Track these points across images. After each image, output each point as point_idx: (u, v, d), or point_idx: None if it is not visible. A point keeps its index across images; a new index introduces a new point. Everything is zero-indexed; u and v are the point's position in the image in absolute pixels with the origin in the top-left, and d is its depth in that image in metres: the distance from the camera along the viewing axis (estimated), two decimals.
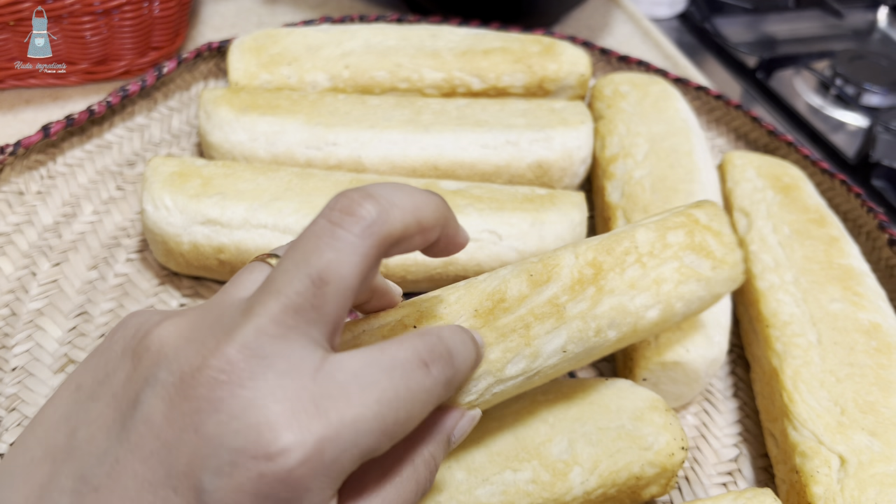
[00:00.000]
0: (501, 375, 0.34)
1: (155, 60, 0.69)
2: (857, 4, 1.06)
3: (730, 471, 0.48)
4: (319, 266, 0.24)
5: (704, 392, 0.52)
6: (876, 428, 0.43)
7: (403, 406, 0.25)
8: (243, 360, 0.23)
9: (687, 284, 0.39)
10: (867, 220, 0.59)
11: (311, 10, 0.81)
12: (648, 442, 0.38)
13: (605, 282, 0.37)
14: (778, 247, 0.53)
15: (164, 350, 0.25)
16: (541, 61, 0.64)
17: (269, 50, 0.62)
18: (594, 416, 0.39)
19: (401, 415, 0.25)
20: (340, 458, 0.23)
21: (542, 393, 0.40)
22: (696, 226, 0.40)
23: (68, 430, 0.26)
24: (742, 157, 0.59)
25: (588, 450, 0.38)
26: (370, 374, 0.25)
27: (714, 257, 0.40)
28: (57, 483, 0.25)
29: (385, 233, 0.25)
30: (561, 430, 0.38)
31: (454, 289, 0.36)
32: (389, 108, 0.58)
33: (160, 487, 0.23)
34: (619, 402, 0.40)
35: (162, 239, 0.50)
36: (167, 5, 0.65)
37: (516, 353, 0.34)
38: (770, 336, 0.48)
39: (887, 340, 0.47)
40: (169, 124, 0.64)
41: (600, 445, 0.38)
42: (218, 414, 0.23)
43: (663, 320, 0.39)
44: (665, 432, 0.39)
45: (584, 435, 0.38)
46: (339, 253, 0.24)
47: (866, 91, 0.89)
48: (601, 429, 0.38)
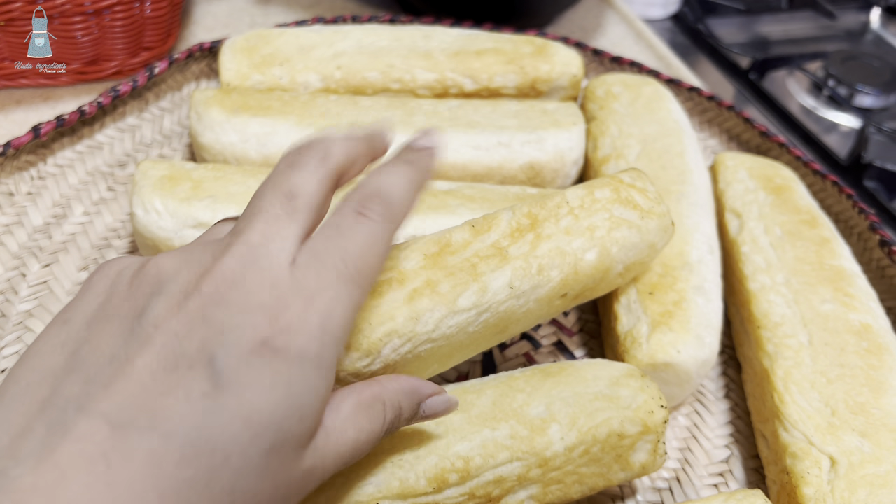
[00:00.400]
0: (454, 307, 0.37)
1: (146, 61, 0.68)
2: (849, 5, 1.06)
3: (721, 472, 0.48)
4: (289, 185, 0.30)
5: (696, 393, 0.52)
6: (866, 429, 0.43)
7: (361, 255, 0.29)
8: (240, 267, 0.27)
9: (619, 230, 0.42)
10: (859, 220, 0.59)
11: (303, 11, 0.81)
12: (626, 402, 0.40)
13: (542, 229, 0.41)
14: (769, 248, 0.53)
15: (164, 271, 0.28)
16: (533, 62, 0.64)
17: (261, 50, 0.62)
18: (571, 384, 0.40)
19: (360, 263, 0.29)
20: (330, 317, 0.28)
21: (520, 371, 0.42)
22: (620, 184, 0.44)
23: (67, 353, 0.26)
24: (734, 157, 0.59)
25: (565, 409, 0.39)
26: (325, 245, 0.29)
27: (641, 209, 0.44)
28: (61, 392, 0.25)
29: (332, 162, 0.31)
30: (538, 396, 0.39)
31: (403, 243, 0.40)
32: (381, 108, 0.58)
33: (174, 369, 0.25)
34: (595, 373, 0.41)
35: (153, 242, 0.50)
36: (159, 6, 0.65)
37: (466, 287, 0.37)
38: (761, 337, 0.48)
39: (878, 341, 0.47)
40: (160, 125, 0.64)
41: (577, 406, 0.39)
42: (225, 306, 0.26)
43: (602, 264, 0.42)
44: (642, 393, 0.40)
45: (562, 399, 0.39)
46: (302, 174, 0.30)
47: (859, 92, 0.89)
48: (578, 394, 0.40)
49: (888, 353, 0.47)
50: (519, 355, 0.52)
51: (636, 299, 0.48)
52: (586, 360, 0.43)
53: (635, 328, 0.47)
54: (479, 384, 0.41)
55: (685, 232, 0.51)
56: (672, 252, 0.50)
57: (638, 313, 0.48)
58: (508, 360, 0.52)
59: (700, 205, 0.54)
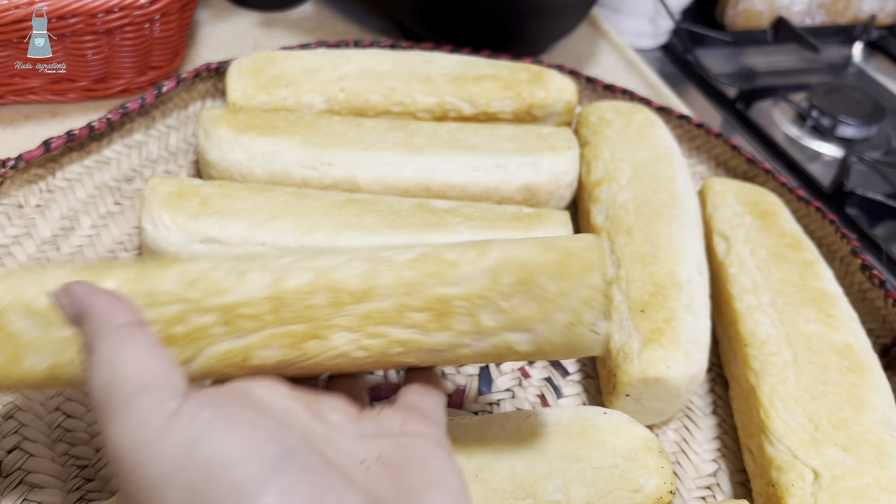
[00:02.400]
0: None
1: (153, 80, 0.70)
2: (833, 40, 1.10)
3: (709, 485, 0.50)
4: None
5: (685, 409, 0.53)
6: (848, 443, 0.45)
7: None
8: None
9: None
10: (841, 245, 0.61)
11: (306, 35, 0.83)
12: (639, 484, 0.40)
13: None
14: (756, 270, 0.55)
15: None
16: (529, 88, 0.66)
17: (267, 72, 0.64)
18: (590, 453, 0.40)
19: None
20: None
21: (542, 425, 0.41)
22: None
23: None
24: (722, 183, 0.62)
25: (581, 490, 0.38)
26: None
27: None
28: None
29: None
30: (558, 467, 0.39)
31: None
32: (383, 130, 0.60)
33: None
34: (615, 441, 0.41)
35: (161, 257, 0.51)
36: (167, 27, 0.67)
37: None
38: (748, 355, 0.50)
39: (859, 360, 0.49)
40: (167, 142, 0.66)
41: (594, 487, 0.39)
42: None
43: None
44: (656, 475, 0.40)
45: (579, 474, 0.39)
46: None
47: (841, 123, 0.92)
48: (596, 468, 0.39)
49: (868, 372, 0.49)
50: (514, 370, 0.54)
51: (628, 317, 0.50)
52: (608, 419, 0.42)
53: (627, 344, 0.49)
54: (500, 438, 0.39)
55: (675, 253, 0.53)
56: (663, 272, 0.52)
57: (630, 330, 0.50)
58: (504, 374, 0.54)
59: (689, 227, 0.56)
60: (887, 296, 0.56)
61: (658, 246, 0.54)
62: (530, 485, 0.38)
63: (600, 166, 0.61)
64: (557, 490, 0.38)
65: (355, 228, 0.52)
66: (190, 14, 0.70)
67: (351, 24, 0.86)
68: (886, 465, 0.44)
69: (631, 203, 0.57)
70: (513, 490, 0.37)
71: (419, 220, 0.53)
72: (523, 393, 0.53)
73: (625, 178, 0.60)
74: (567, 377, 0.54)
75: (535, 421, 0.41)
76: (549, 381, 0.54)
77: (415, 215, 0.53)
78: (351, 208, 0.53)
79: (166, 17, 0.66)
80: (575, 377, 0.54)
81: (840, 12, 1.10)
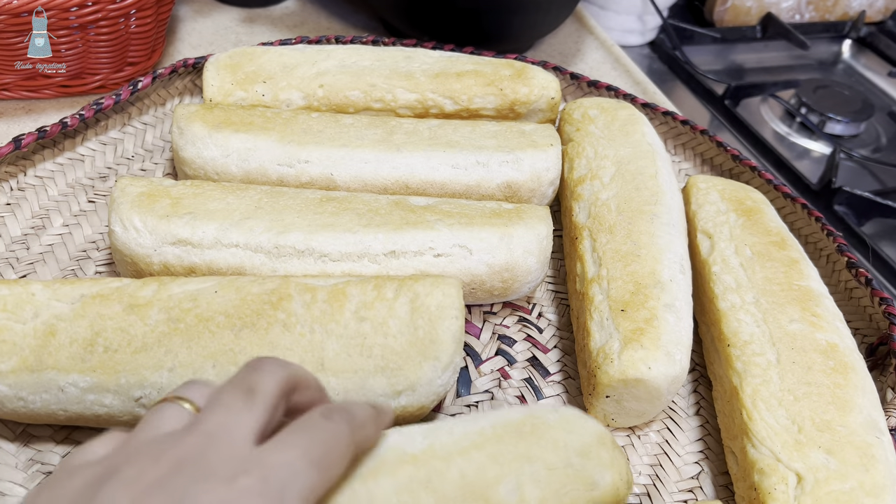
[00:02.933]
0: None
1: (130, 76, 0.69)
2: (822, 36, 1.09)
3: (691, 488, 0.49)
4: (249, 382, 0.31)
5: (667, 410, 0.52)
6: (832, 446, 0.44)
7: (324, 445, 0.30)
8: (199, 447, 0.28)
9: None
10: (827, 243, 0.60)
11: (288, 31, 0.82)
12: (594, 480, 0.38)
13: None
14: (739, 268, 0.54)
15: (116, 463, 0.28)
16: (512, 85, 0.65)
17: (245, 68, 0.63)
18: (543, 452, 0.38)
19: (322, 451, 0.30)
20: (288, 488, 0.28)
21: (492, 426, 0.39)
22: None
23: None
24: (706, 180, 0.61)
25: (535, 491, 0.37)
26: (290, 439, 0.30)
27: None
28: None
29: (290, 371, 0.33)
30: (510, 468, 0.37)
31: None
32: (362, 127, 0.59)
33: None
34: (566, 437, 0.39)
35: (131, 260, 0.50)
36: (144, 22, 0.66)
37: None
38: (731, 355, 0.49)
39: (843, 360, 0.48)
40: (143, 139, 0.65)
41: (548, 487, 0.37)
42: (184, 476, 0.27)
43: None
44: (610, 470, 0.39)
45: (532, 474, 0.37)
46: (262, 374, 0.32)
47: (830, 120, 0.91)
48: (549, 468, 0.38)
49: (853, 372, 0.48)
50: (494, 370, 0.53)
51: (608, 316, 0.49)
52: (559, 415, 0.41)
53: (607, 345, 0.48)
54: (449, 444, 0.38)
55: (657, 251, 0.52)
56: (644, 270, 0.51)
57: (610, 330, 0.49)
58: (484, 375, 0.53)
59: (672, 225, 0.55)
60: (873, 294, 0.55)
61: (640, 244, 0.53)
62: (482, 490, 0.36)
63: (583, 163, 0.60)
64: (511, 493, 0.36)
65: (331, 227, 0.50)
66: (168, 9, 0.69)
67: (334, 21, 0.85)
68: (871, 469, 0.43)
69: (613, 201, 0.56)
70: (464, 497, 0.36)
71: (397, 217, 0.52)
72: (503, 394, 0.52)
73: (607, 176, 0.59)
74: (548, 378, 0.53)
75: (483, 423, 0.39)
76: (529, 381, 0.53)
77: (392, 213, 0.52)
78: (327, 206, 0.52)
79: (142, 13, 0.65)
80: (556, 377, 0.53)
81: (829, 9, 1.10)
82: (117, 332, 0.43)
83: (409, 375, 0.43)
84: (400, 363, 0.43)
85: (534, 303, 0.58)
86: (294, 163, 0.56)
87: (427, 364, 0.43)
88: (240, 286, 0.46)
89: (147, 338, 0.43)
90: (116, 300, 0.45)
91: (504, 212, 0.53)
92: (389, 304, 0.45)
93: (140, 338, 0.43)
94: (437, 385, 0.44)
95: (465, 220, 0.52)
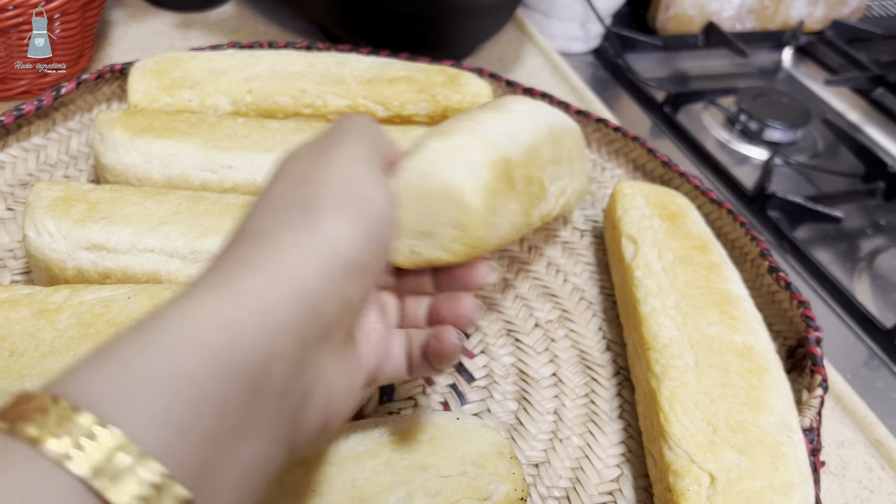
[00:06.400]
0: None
1: (55, 81, 0.68)
2: (762, 45, 1.11)
3: (611, 490, 0.49)
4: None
5: (590, 414, 0.53)
6: (745, 446, 0.45)
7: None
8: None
9: None
10: (751, 247, 0.61)
11: (224, 36, 0.81)
12: (489, 491, 0.38)
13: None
14: (661, 272, 0.54)
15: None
16: (444, 91, 0.65)
17: (172, 73, 0.62)
18: (438, 461, 0.38)
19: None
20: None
21: (390, 433, 0.39)
22: None
23: None
24: (632, 186, 0.61)
25: (426, 501, 0.37)
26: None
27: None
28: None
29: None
30: (402, 477, 0.37)
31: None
32: (289, 132, 0.59)
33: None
34: (464, 447, 0.39)
35: (45, 265, 0.49)
36: (69, 27, 0.65)
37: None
38: (650, 358, 0.50)
39: (759, 362, 0.49)
40: (67, 145, 0.64)
41: (439, 496, 0.37)
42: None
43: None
44: (506, 482, 0.39)
45: (424, 483, 0.37)
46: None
47: (768, 126, 0.93)
48: (443, 477, 0.38)
49: (768, 374, 0.49)
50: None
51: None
52: (459, 425, 0.41)
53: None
54: (344, 449, 0.38)
55: None
56: None
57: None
58: (407, 381, 0.52)
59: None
60: (792, 297, 0.56)
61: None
62: (371, 497, 0.36)
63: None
64: (399, 502, 0.36)
65: None
66: (94, 14, 0.68)
67: (272, 26, 0.84)
68: (781, 467, 0.44)
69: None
70: (350, 503, 0.36)
71: None
72: (426, 400, 0.52)
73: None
74: (472, 383, 0.53)
75: (382, 430, 0.39)
76: (454, 387, 0.53)
77: None
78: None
79: (66, 17, 0.64)
80: (481, 382, 0.53)
81: (769, 18, 1.12)
82: (25, 337, 0.42)
83: None
84: None
85: None
86: (217, 168, 0.56)
87: None
88: (153, 293, 0.45)
89: (56, 342, 0.42)
90: (26, 305, 0.44)
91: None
92: None
93: (48, 342, 0.42)
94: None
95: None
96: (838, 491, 0.51)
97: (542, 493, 0.48)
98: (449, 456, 0.38)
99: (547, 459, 0.50)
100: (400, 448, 0.38)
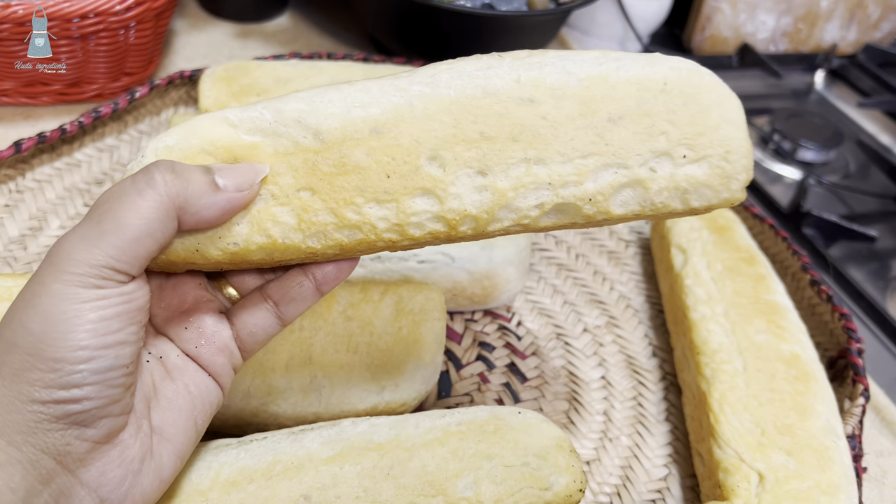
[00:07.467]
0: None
1: (127, 85, 0.71)
2: (795, 67, 1.13)
3: (659, 489, 0.51)
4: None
5: (638, 416, 0.55)
6: (792, 448, 0.47)
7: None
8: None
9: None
10: (792, 262, 0.63)
11: (281, 47, 0.84)
12: (549, 482, 0.40)
13: None
14: (711, 282, 0.57)
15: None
16: None
17: (240, 80, 0.65)
18: (502, 451, 0.40)
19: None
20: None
21: (457, 424, 0.41)
22: None
23: None
24: None
25: (492, 488, 0.39)
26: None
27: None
28: None
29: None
30: (469, 465, 0.39)
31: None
32: None
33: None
34: (527, 439, 0.41)
35: None
36: (142, 34, 0.68)
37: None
38: (700, 363, 0.52)
39: (805, 369, 0.51)
40: (138, 146, 0.67)
41: (504, 484, 0.39)
42: None
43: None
44: (566, 474, 0.41)
45: (490, 472, 0.39)
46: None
47: (802, 147, 0.95)
48: (507, 466, 0.40)
49: (814, 381, 0.51)
50: (474, 375, 0.55)
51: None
52: (521, 418, 0.43)
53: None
54: (414, 437, 0.40)
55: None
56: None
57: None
58: (464, 378, 0.55)
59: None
60: (834, 310, 0.58)
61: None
62: (441, 482, 0.38)
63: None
64: (468, 487, 0.38)
65: None
66: (165, 22, 0.71)
67: (325, 38, 0.88)
68: (827, 469, 0.46)
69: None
70: (423, 487, 0.38)
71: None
72: (482, 397, 0.54)
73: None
74: (525, 383, 0.56)
75: (449, 420, 0.41)
76: (508, 386, 0.55)
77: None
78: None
79: (141, 25, 0.67)
80: (533, 383, 0.56)
81: (803, 41, 1.14)
82: None
83: (391, 372, 0.45)
84: (384, 360, 0.45)
85: (513, 311, 0.61)
86: None
87: (409, 362, 0.46)
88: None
89: None
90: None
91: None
92: (375, 305, 0.47)
93: None
94: (418, 382, 0.46)
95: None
96: (878, 498, 0.53)
97: (594, 488, 0.50)
98: (512, 447, 0.40)
99: (598, 457, 0.52)
100: (466, 437, 0.40)
